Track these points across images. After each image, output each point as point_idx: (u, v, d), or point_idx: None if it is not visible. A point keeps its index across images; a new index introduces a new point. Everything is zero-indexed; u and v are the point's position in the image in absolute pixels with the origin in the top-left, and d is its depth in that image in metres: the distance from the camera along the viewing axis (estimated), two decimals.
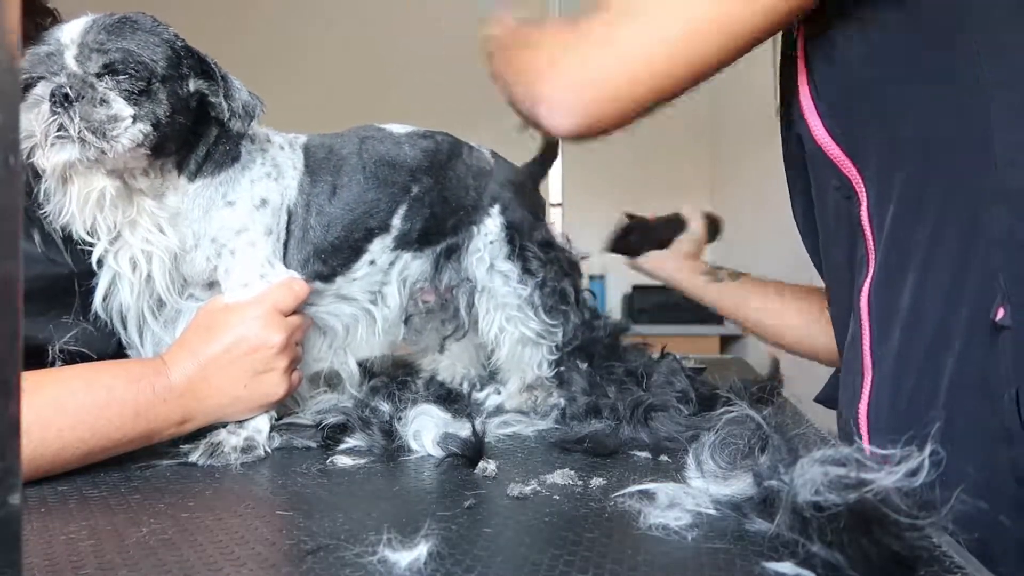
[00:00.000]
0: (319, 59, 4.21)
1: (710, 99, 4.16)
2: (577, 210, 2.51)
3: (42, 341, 0.81)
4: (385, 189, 0.96)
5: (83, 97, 0.74)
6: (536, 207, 1.10)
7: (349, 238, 0.93)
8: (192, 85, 0.82)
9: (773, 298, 1.23)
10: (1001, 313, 0.68)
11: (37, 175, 0.78)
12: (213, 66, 0.82)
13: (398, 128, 1.02)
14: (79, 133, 0.74)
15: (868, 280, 0.78)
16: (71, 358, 0.82)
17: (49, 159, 0.75)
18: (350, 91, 4.07)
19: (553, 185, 2.24)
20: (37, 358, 0.77)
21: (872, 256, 0.78)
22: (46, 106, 0.73)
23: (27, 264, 0.81)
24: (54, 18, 0.99)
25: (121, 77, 0.76)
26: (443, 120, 1.14)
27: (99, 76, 0.76)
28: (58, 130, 0.74)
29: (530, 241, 1.04)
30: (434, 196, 1.00)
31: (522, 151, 1.17)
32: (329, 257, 0.93)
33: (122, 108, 0.76)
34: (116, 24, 0.77)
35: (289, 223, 0.90)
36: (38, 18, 0.96)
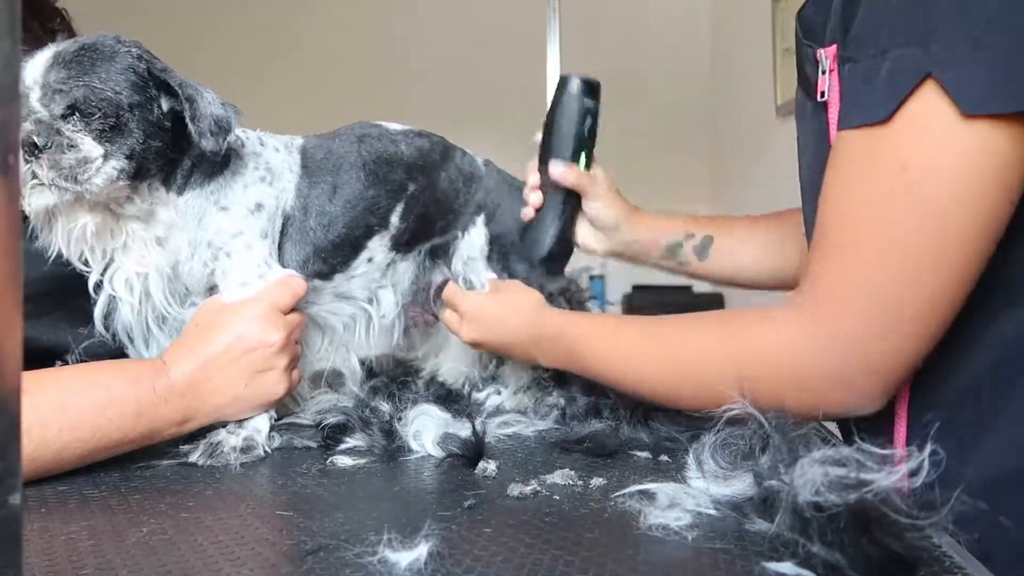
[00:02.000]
0: (317, 60, 4.20)
1: (710, 99, 4.17)
2: None
3: (46, 343, 0.81)
4: (384, 186, 0.96)
5: (51, 144, 0.73)
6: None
7: (350, 236, 0.94)
8: (165, 105, 0.80)
9: (743, 250, 1.09)
10: None
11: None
12: (178, 87, 0.78)
13: (393, 125, 1.03)
14: (52, 181, 0.74)
15: None
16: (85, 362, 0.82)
17: (29, 205, 0.75)
18: (348, 93, 4.07)
19: None
20: (39, 360, 0.77)
21: None
22: None
23: (33, 264, 0.81)
24: (62, 18, 0.99)
25: (88, 116, 0.74)
26: (442, 123, 1.14)
27: (65, 118, 0.74)
28: (32, 177, 0.74)
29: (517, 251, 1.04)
30: (427, 196, 1.00)
31: (517, 155, 1.16)
32: (329, 256, 0.93)
33: (91, 149, 0.75)
34: (75, 58, 0.75)
35: (286, 226, 0.90)
36: (45, 20, 0.96)
